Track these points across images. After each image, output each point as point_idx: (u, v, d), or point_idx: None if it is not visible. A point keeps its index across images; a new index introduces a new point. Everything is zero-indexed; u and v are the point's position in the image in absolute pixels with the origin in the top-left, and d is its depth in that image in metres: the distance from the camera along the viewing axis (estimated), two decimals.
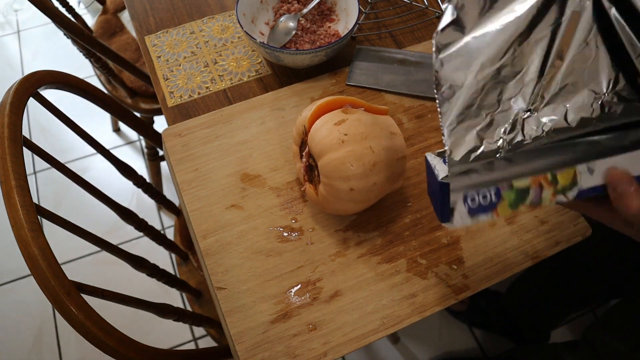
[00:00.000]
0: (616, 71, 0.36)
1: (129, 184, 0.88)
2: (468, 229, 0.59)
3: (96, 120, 1.63)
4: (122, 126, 1.68)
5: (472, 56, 0.35)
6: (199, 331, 1.32)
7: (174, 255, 1.30)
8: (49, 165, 0.65)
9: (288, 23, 0.71)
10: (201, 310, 0.89)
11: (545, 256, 0.57)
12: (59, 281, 0.46)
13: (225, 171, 0.62)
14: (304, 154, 0.56)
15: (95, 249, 1.42)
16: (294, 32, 0.71)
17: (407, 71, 0.71)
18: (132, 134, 1.68)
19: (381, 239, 0.58)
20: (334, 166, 0.50)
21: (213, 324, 0.77)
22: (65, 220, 0.56)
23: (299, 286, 0.55)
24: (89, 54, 1.01)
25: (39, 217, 0.49)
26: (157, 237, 0.82)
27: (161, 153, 1.30)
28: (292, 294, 0.54)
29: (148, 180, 1.07)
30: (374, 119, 0.54)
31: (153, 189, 0.86)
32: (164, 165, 1.42)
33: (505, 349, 1.21)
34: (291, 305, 0.54)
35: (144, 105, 1.16)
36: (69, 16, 1.01)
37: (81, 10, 1.91)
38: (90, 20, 1.59)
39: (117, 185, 1.45)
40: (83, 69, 1.78)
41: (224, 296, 0.54)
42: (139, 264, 0.69)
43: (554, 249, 0.58)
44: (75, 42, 0.96)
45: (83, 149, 1.62)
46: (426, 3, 0.80)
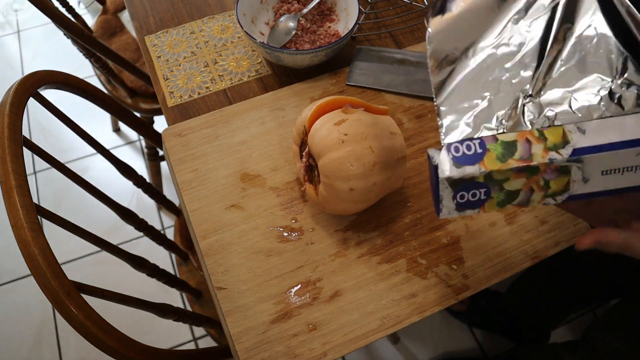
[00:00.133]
0: (624, 56, 0.33)
1: (129, 184, 0.87)
2: (468, 229, 0.59)
3: (96, 120, 1.63)
4: (122, 126, 1.68)
5: (465, 31, 0.33)
6: (199, 331, 1.32)
7: (174, 255, 1.30)
8: (49, 165, 0.65)
9: (288, 23, 0.71)
10: (201, 310, 0.89)
11: (545, 256, 0.57)
12: (59, 281, 0.46)
13: (225, 171, 0.62)
14: (304, 154, 0.56)
15: (95, 249, 1.42)
16: (294, 32, 0.71)
17: (407, 71, 0.71)
18: (132, 134, 1.68)
19: (381, 239, 0.58)
20: (334, 166, 0.50)
21: (213, 324, 0.77)
22: (65, 220, 0.56)
23: (299, 286, 0.55)
24: (89, 54, 1.01)
25: (39, 217, 0.49)
26: (157, 237, 0.82)
27: (161, 153, 1.30)
28: (292, 294, 0.54)
29: (148, 180, 1.07)
30: (374, 119, 0.54)
31: (153, 189, 0.86)
32: (164, 165, 1.42)
33: (505, 349, 1.21)
34: (291, 305, 0.54)
35: (144, 105, 1.16)
36: (69, 16, 1.01)
37: (81, 10, 1.91)
38: (90, 20, 1.59)
39: (117, 185, 1.45)
40: (83, 69, 1.78)
41: (224, 296, 0.54)
42: (139, 264, 0.69)
43: (554, 249, 0.58)
44: (75, 42, 0.96)
45: (83, 149, 1.62)
46: (426, 3, 0.80)
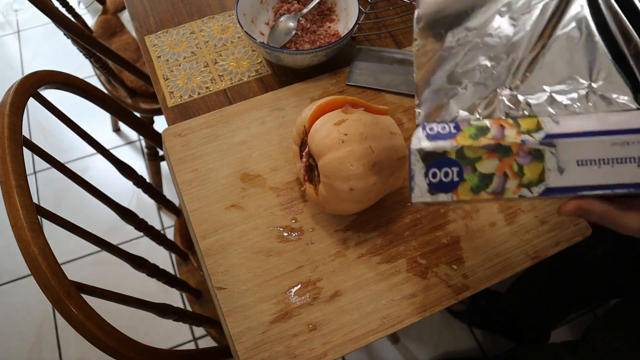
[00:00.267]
0: (608, 60, 0.33)
1: (129, 184, 0.88)
2: (468, 229, 0.59)
3: (96, 120, 1.63)
4: (122, 126, 1.68)
5: (453, 17, 0.34)
6: (199, 331, 1.32)
7: (174, 255, 1.30)
8: (49, 165, 0.65)
9: (288, 23, 0.71)
10: (201, 310, 0.89)
11: (545, 256, 0.57)
12: (59, 281, 0.46)
13: (225, 171, 0.62)
14: (304, 154, 0.56)
15: (95, 249, 1.42)
16: (294, 32, 0.71)
17: (407, 71, 0.71)
18: (132, 134, 1.68)
19: (381, 239, 0.58)
20: (334, 166, 0.50)
21: (213, 324, 0.77)
22: (65, 220, 0.56)
23: (299, 286, 0.55)
24: (89, 54, 1.01)
25: (39, 217, 0.49)
26: (157, 237, 0.82)
27: (161, 153, 1.30)
28: (292, 294, 0.54)
29: (148, 180, 1.07)
30: (374, 119, 0.54)
31: (153, 189, 0.86)
32: (164, 165, 1.42)
33: (505, 349, 1.21)
34: (291, 305, 0.54)
35: (144, 105, 1.16)
36: (69, 16, 1.01)
37: (81, 10, 1.91)
38: (90, 20, 1.59)
39: (117, 185, 1.45)
40: (83, 69, 1.78)
41: (224, 296, 0.54)
42: (139, 264, 0.69)
43: (554, 249, 0.58)
44: (75, 42, 0.96)
45: (83, 149, 1.62)
46: None
